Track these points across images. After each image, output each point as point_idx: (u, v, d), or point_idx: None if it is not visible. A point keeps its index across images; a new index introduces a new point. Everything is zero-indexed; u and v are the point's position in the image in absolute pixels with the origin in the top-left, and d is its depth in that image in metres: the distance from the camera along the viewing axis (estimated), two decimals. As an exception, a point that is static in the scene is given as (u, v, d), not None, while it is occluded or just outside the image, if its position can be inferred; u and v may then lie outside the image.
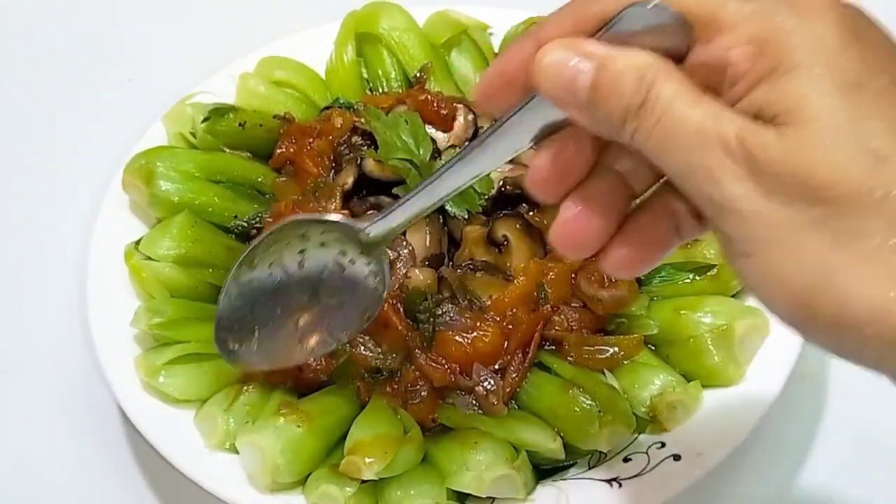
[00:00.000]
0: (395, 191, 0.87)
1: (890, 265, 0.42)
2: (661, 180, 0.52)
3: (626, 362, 0.82)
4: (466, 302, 0.83)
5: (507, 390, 0.81)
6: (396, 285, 0.84)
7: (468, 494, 0.77)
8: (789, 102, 0.43)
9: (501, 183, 0.89)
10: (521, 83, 0.50)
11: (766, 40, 0.44)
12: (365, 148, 0.92)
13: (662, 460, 0.77)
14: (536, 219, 0.88)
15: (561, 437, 0.78)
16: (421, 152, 0.88)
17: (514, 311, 0.82)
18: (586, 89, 0.47)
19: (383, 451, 0.75)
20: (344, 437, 0.79)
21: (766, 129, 0.44)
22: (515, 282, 0.83)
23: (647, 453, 0.78)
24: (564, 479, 0.78)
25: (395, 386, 0.82)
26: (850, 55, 0.44)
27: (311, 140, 0.95)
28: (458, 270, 0.85)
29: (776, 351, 0.81)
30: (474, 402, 0.81)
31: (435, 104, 0.94)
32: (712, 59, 0.46)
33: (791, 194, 0.43)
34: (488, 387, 0.80)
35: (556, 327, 0.83)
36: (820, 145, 0.43)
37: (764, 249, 0.44)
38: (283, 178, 0.95)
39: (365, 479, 0.76)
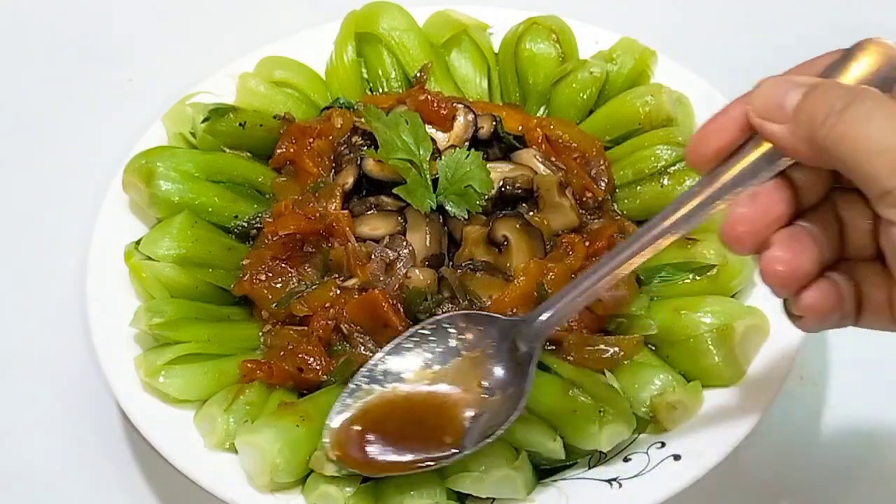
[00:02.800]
0: (395, 190, 0.87)
1: None
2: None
3: (626, 362, 0.82)
4: (466, 302, 0.83)
5: (508, 390, 0.81)
6: (396, 285, 0.84)
7: (468, 494, 0.77)
8: None
9: (501, 183, 0.89)
10: (733, 139, 0.57)
11: None
12: (365, 148, 0.92)
13: (662, 460, 0.77)
14: (536, 219, 0.88)
15: (561, 437, 0.78)
16: (421, 152, 0.88)
17: (514, 311, 0.82)
18: (796, 101, 0.54)
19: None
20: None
21: None
22: (515, 282, 0.83)
23: (647, 453, 0.78)
24: (564, 479, 0.78)
25: (395, 386, 0.82)
26: None
27: (311, 140, 0.95)
28: (458, 270, 0.85)
29: (776, 351, 0.81)
30: (474, 401, 0.81)
31: (435, 104, 0.94)
32: None
33: None
34: (488, 387, 0.80)
35: (556, 327, 0.83)
36: None
37: None
38: (283, 178, 0.94)
39: (326, 474, 0.75)
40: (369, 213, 0.89)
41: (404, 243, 0.86)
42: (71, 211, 1.04)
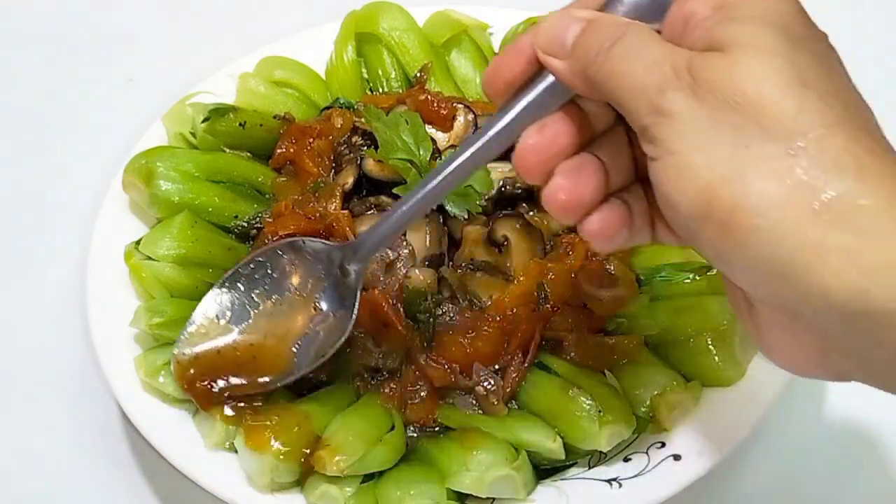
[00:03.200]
0: (395, 190, 0.87)
1: (787, 166, 0.49)
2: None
3: (625, 362, 0.82)
4: (466, 302, 0.83)
5: (507, 390, 0.81)
6: (396, 285, 0.84)
7: (468, 494, 0.77)
8: (739, 37, 0.51)
9: (501, 183, 0.89)
10: (523, 71, 0.59)
11: (727, 3, 0.53)
12: (365, 148, 0.92)
13: (662, 460, 0.77)
14: (536, 219, 0.88)
15: (561, 437, 0.78)
16: (421, 152, 0.88)
17: (514, 311, 0.82)
18: (574, 37, 0.56)
19: (353, 451, 0.76)
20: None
21: (713, 54, 0.52)
22: (515, 282, 0.83)
23: (647, 453, 0.78)
24: (564, 479, 0.78)
25: (394, 385, 0.82)
26: (797, 23, 0.53)
27: (311, 140, 0.95)
28: (458, 270, 0.85)
29: (776, 351, 0.81)
30: (474, 402, 0.81)
31: (435, 104, 0.94)
32: (681, 13, 0.55)
33: (720, 103, 0.50)
34: (488, 387, 0.80)
35: (556, 327, 0.83)
36: (755, 66, 0.50)
37: (686, 147, 0.51)
38: (283, 178, 0.95)
39: (330, 474, 0.76)
40: (369, 213, 0.89)
41: (404, 243, 0.86)
42: (71, 211, 1.04)
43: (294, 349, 0.79)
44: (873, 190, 0.48)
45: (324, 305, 0.79)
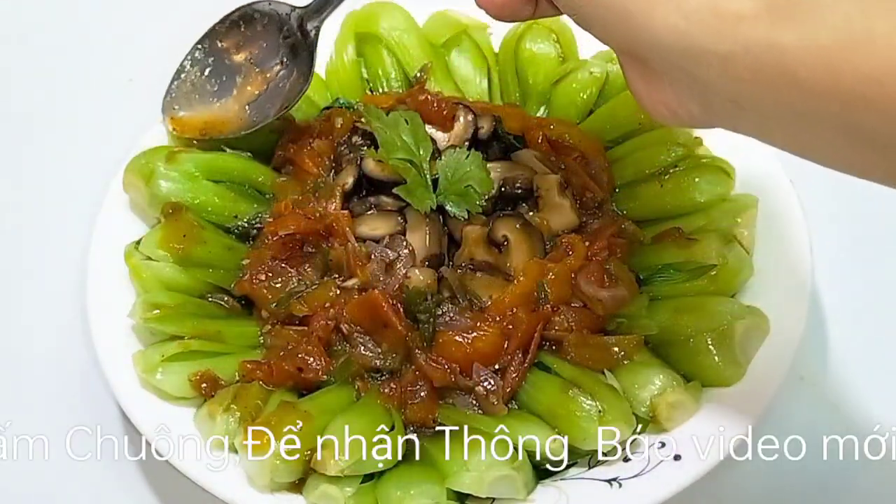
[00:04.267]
0: (395, 190, 0.87)
1: None
2: None
3: (626, 362, 0.82)
4: (466, 302, 0.83)
5: (507, 390, 0.81)
6: (396, 285, 0.84)
7: (468, 494, 0.77)
8: None
9: (501, 183, 0.89)
10: None
11: None
12: (365, 148, 0.92)
13: (662, 460, 0.77)
14: (536, 219, 0.88)
15: (561, 437, 0.78)
16: (421, 152, 0.88)
17: (514, 311, 0.82)
18: None
19: (353, 451, 0.76)
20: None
21: None
22: (515, 282, 0.83)
23: (647, 453, 0.78)
24: (564, 479, 0.78)
25: (394, 385, 0.82)
26: None
27: (311, 140, 0.95)
28: (458, 270, 0.85)
29: (776, 351, 0.81)
30: (474, 402, 0.81)
31: (435, 104, 0.94)
32: None
33: None
34: (488, 387, 0.80)
35: (556, 327, 0.83)
36: None
37: None
38: (283, 178, 0.95)
39: (330, 474, 0.76)
40: (369, 213, 0.89)
41: (404, 243, 0.86)
42: (71, 211, 1.04)
43: (257, 105, 0.93)
44: None
45: (288, 61, 0.92)
